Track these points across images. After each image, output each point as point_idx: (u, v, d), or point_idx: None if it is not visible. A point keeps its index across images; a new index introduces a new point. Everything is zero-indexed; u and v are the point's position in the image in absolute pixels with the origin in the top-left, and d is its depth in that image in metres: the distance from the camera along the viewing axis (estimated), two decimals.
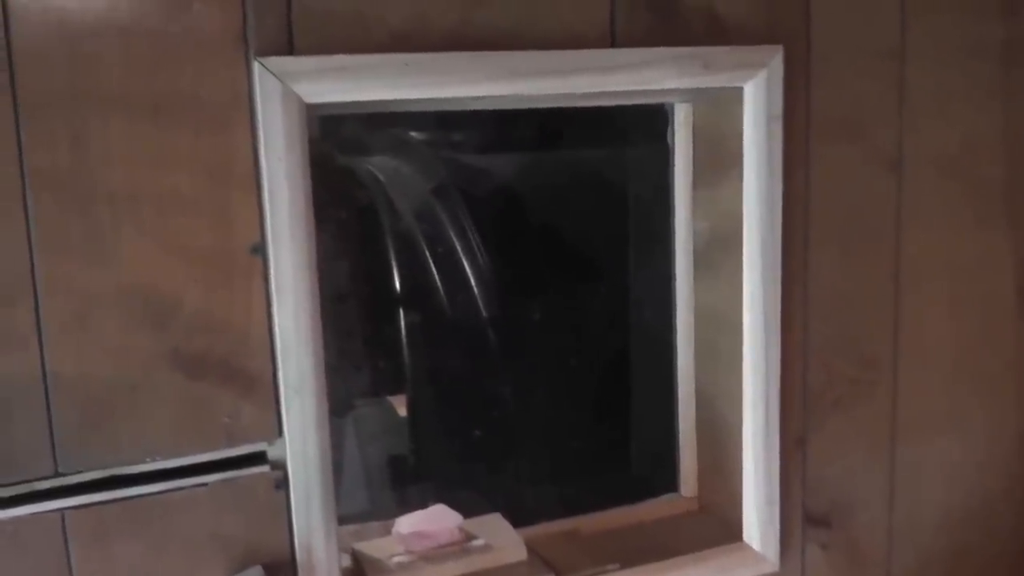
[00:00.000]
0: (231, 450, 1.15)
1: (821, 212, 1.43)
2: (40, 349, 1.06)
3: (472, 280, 1.72)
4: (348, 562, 1.33)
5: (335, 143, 1.52)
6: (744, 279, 1.37)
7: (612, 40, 1.26)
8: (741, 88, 1.33)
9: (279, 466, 1.16)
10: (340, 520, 1.21)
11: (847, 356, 1.50)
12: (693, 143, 1.46)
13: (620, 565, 1.37)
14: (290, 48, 1.10)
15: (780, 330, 1.40)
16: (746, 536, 1.44)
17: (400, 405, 1.71)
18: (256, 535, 1.16)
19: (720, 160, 1.40)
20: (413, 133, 1.73)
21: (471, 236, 1.73)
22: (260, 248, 1.12)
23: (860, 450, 1.54)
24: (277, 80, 1.08)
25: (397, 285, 1.72)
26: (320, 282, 1.15)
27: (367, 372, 1.70)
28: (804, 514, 1.51)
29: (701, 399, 1.52)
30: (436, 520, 1.38)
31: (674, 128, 1.47)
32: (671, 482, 1.57)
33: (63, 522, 1.09)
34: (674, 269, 1.51)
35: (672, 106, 1.46)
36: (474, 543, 1.37)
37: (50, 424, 1.08)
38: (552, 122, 1.64)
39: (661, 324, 1.54)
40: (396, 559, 1.33)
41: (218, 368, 1.12)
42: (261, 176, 1.10)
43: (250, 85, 1.09)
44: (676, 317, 1.52)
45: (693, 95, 1.41)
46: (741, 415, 1.42)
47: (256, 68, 1.08)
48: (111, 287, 1.08)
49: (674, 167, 1.48)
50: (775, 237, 1.37)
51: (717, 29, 1.32)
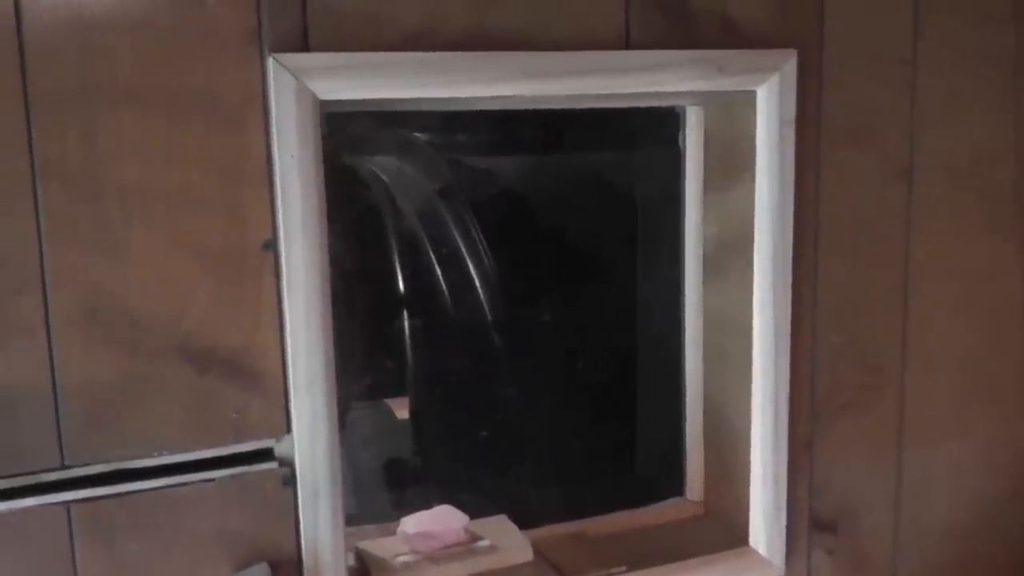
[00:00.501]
0: (238, 446, 1.15)
1: (831, 217, 1.43)
2: (48, 341, 1.06)
3: (478, 282, 1.72)
4: (352, 561, 1.33)
5: (340, 142, 1.52)
6: (755, 284, 1.37)
7: (626, 42, 1.25)
8: (754, 92, 1.32)
9: (287, 463, 1.16)
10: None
11: (855, 362, 1.50)
12: (704, 147, 1.46)
13: (627, 568, 1.37)
14: (304, 45, 1.10)
15: (790, 335, 1.39)
16: (752, 541, 1.44)
17: (401, 407, 1.71)
18: (262, 532, 1.16)
19: (731, 164, 1.40)
20: (420, 134, 1.73)
21: (477, 238, 1.72)
22: (272, 244, 1.12)
23: (867, 456, 1.54)
24: (291, 76, 1.08)
25: (401, 286, 1.72)
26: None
27: (371, 373, 1.70)
28: (810, 519, 1.50)
29: (709, 403, 1.52)
30: (442, 520, 1.37)
31: (685, 131, 1.47)
32: (677, 486, 1.57)
33: (68, 515, 1.09)
34: (683, 273, 1.51)
35: (684, 109, 1.46)
36: (480, 544, 1.37)
37: (57, 416, 1.07)
38: (562, 124, 1.63)
39: (669, 328, 1.54)
40: (401, 559, 1.33)
41: (227, 363, 1.12)
42: (274, 172, 1.10)
43: (264, 81, 1.09)
44: (685, 321, 1.52)
45: (705, 98, 1.40)
46: (749, 420, 1.42)
47: (271, 64, 1.08)
48: (120, 281, 1.07)
49: (685, 171, 1.48)
50: (786, 242, 1.37)
51: (731, 32, 1.32)
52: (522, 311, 1.74)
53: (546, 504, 1.66)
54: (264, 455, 1.16)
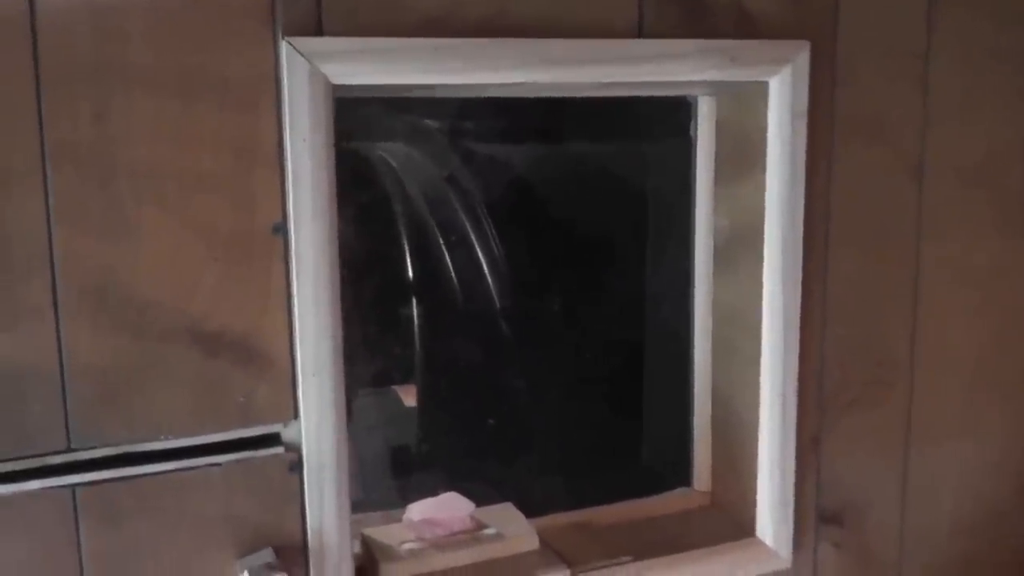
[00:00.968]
0: (245, 430, 1.14)
1: (842, 211, 1.43)
2: (56, 323, 1.06)
3: (487, 271, 1.71)
4: (357, 548, 1.33)
5: (348, 128, 1.51)
6: (764, 277, 1.37)
7: (639, 31, 1.25)
8: (766, 83, 1.32)
9: (293, 448, 1.16)
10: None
11: (864, 358, 1.49)
12: (716, 138, 1.45)
13: (632, 558, 1.37)
14: (319, 29, 1.10)
15: (799, 329, 1.39)
16: (759, 532, 1.44)
17: (407, 394, 1.70)
18: (268, 517, 1.16)
19: (743, 156, 1.40)
20: (430, 121, 1.72)
21: (486, 226, 1.72)
22: (282, 228, 1.11)
23: (874, 451, 1.53)
24: (305, 60, 1.08)
25: (409, 273, 1.72)
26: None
27: (378, 360, 1.69)
28: (817, 512, 1.50)
29: (716, 395, 1.51)
30: (448, 508, 1.37)
31: (697, 122, 1.46)
32: (684, 477, 1.57)
33: (74, 498, 1.09)
34: (693, 265, 1.50)
35: (696, 100, 1.46)
36: (486, 532, 1.36)
37: (64, 399, 1.07)
38: (573, 114, 1.63)
39: (678, 320, 1.54)
40: (407, 546, 1.32)
41: (235, 347, 1.12)
42: (285, 156, 1.10)
43: (277, 64, 1.09)
44: (694, 313, 1.52)
45: (717, 88, 1.40)
46: (757, 412, 1.42)
47: (284, 48, 1.08)
48: (129, 263, 1.07)
49: (696, 162, 1.47)
50: (797, 235, 1.36)
51: (744, 22, 1.31)
52: (531, 300, 1.74)
53: (552, 493, 1.66)
54: (271, 440, 1.16)
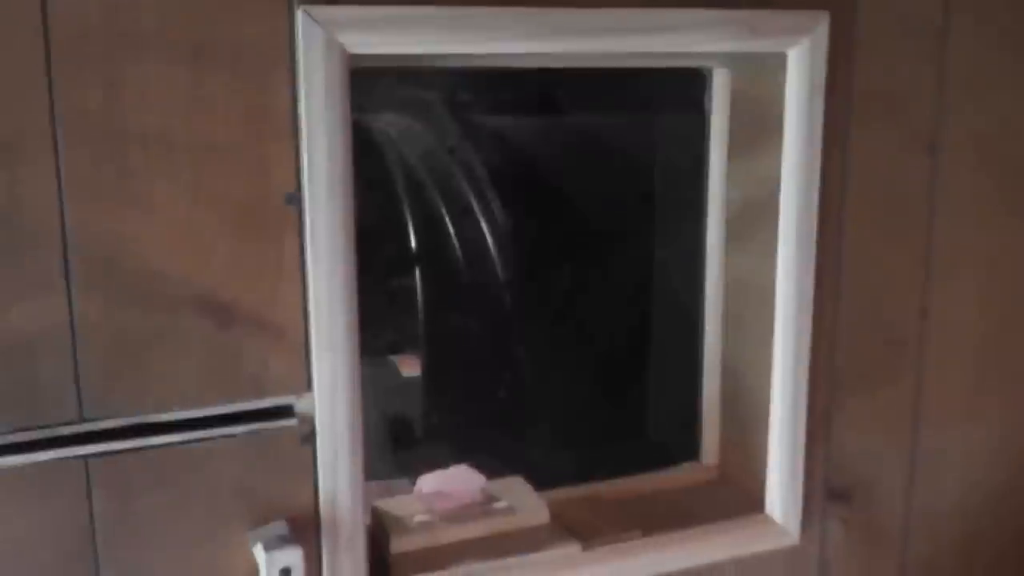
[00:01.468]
0: (258, 402, 1.13)
1: (856, 187, 1.42)
2: (67, 293, 1.05)
3: (492, 242, 1.71)
4: (368, 520, 1.32)
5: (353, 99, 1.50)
6: (779, 251, 1.36)
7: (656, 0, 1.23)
8: (784, 55, 1.31)
9: (307, 420, 1.15)
10: None
11: (875, 334, 1.49)
12: (731, 110, 1.44)
13: (642, 532, 1.37)
14: None
15: (812, 303, 1.38)
16: (768, 508, 1.44)
17: (406, 364, 1.70)
18: (281, 489, 1.15)
19: (758, 128, 1.38)
20: (439, 93, 1.71)
21: (491, 198, 1.71)
22: (295, 198, 1.10)
23: (883, 429, 1.53)
24: (320, 28, 1.06)
25: (412, 244, 1.71)
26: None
27: (376, 329, 1.69)
28: (825, 489, 1.50)
29: (726, 369, 1.51)
30: (458, 480, 1.37)
31: (711, 94, 1.45)
32: (692, 451, 1.56)
33: (86, 469, 1.08)
34: (705, 238, 1.50)
35: (710, 71, 1.44)
36: (496, 505, 1.36)
37: (76, 369, 1.06)
38: (584, 85, 1.62)
39: (688, 293, 1.53)
40: (418, 518, 1.32)
41: (248, 318, 1.11)
42: (299, 125, 1.09)
43: (292, 33, 1.07)
44: (705, 286, 1.51)
45: (734, 60, 1.39)
46: (767, 386, 1.41)
47: (299, 16, 1.06)
48: (141, 233, 1.06)
49: (710, 134, 1.46)
50: (811, 210, 1.35)
51: None
52: (539, 273, 1.73)
53: (558, 466, 1.66)
54: (284, 412, 1.15)
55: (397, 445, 1.70)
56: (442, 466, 1.40)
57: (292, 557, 1.11)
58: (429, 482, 1.37)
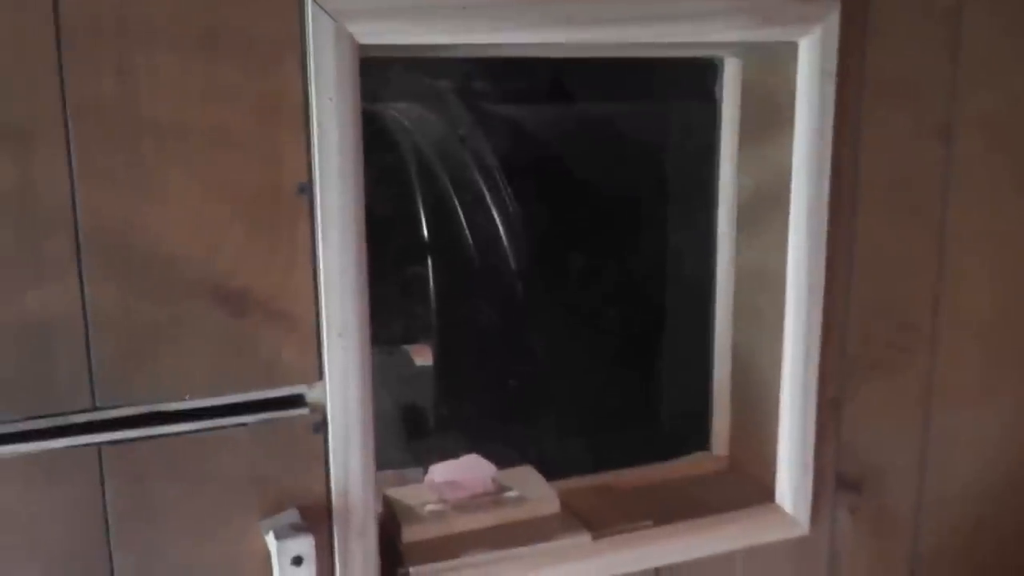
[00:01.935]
0: (270, 391, 1.14)
1: (868, 174, 1.42)
2: (80, 281, 1.05)
3: (503, 231, 1.70)
4: (379, 509, 1.33)
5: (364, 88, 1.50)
6: (790, 239, 1.36)
7: None
8: (795, 43, 1.30)
9: (318, 409, 1.15)
10: None
11: (886, 321, 1.49)
12: (742, 98, 1.43)
13: (652, 522, 1.37)
14: None
15: (823, 291, 1.38)
16: (778, 497, 1.44)
17: (419, 353, 1.70)
18: (292, 478, 1.16)
19: (769, 116, 1.38)
20: (451, 82, 1.71)
21: (503, 187, 1.71)
22: (307, 188, 1.10)
23: (894, 416, 1.53)
24: (331, 19, 1.06)
25: (424, 233, 1.71)
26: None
27: (389, 319, 1.69)
28: (836, 478, 1.50)
29: (737, 358, 1.51)
30: (469, 470, 1.37)
31: (723, 83, 1.45)
32: (703, 440, 1.56)
33: (99, 456, 1.09)
34: (716, 226, 1.49)
35: (721, 60, 1.44)
36: (507, 494, 1.36)
37: (88, 357, 1.06)
38: (595, 74, 1.61)
39: (699, 281, 1.53)
40: (429, 507, 1.33)
41: (260, 307, 1.11)
42: (311, 115, 1.09)
43: (302, 23, 1.07)
44: (716, 274, 1.51)
45: (745, 49, 1.39)
46: (777, 375, 1.41)
47: (310, 6, 1.06)
48: (153, 221, 1.06)
49: (721, 122, 1.46)
50: (823, 197, 1.35)
51: None
52: (551, 262, 1.73)
53: (568, 455, 1.66)
54: (296, 401, 1.15)
55: (409, 434, 1.70)
56: (453, 455, 1.41)
57: (304, 545, 1.11)
58: (440, 471, 1.38)
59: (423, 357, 1.69)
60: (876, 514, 1.55)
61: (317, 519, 1.17)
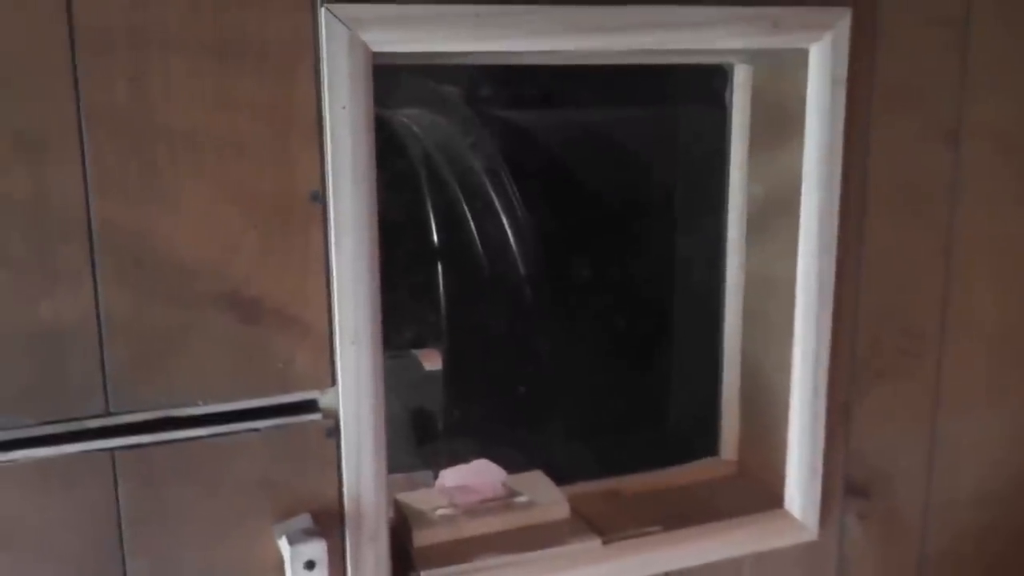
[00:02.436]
0: (284, 397, 1.14)
1: (877, 180, 1.42)
2: (94, 287, 1.05)
3: (512, 237, 1.71)
4: (390, 513, 1.33)
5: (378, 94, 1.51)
6: (799, 245, 1.36)
7: None
8: (805, 50, 1.31)
9: (331, 415, 1.16)
10: None
11: (895, 327, 1.49)
12: (752, 105, 1.44)
13: (661, 527, 1.37)
14: None
15: (833, 298, 1.38)
16: (787, 503, 1.44)
17: (428, 358, 1.71)
18: (305, 483, 1.16)
19: (779, 123, 1.39)
20: (460, 88, 1.71)
21: (511, 192, 1.71)
22: (320, 195, 1.11)
23: (902, 421, 1.53)
24: (344, 27, 1.07)
25: (434, 239, 1.71)
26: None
27: (399, 324, 1.69)
28: (844, 483, 1.50)
29: (746, 363, 1.51)
30: (480, 474, 1.38)
31: (732, 89, 1.45)
32: (711, 445, 1.57)
33: (113, 461, 1.09)
34: (726, 232, 1.50)
35: (731, 67, 1.44)
36: (517, 499, 1.37)
37: (102, 363, 1.07)
38: (605, 80, 1.62)
39: (709, 287, 1.53)
40: (440, 512, 1.33)
41: (273, 314, 1.12)
42: (324, 123, 1.09)
43: (316, 31, 1.08)
44: (725, 280, 1.51)
45: (755, 56, 1.39)
46: (787, 381, 1.42)
47: (323, 14, 1.07)
48: (167, 228, 1.07)
49: (731, 129, 1.46)
50: (833, 203, 1.35)
51: None
52: (560, 267, 1.73)
53: (579, 461, 1.66)
54: (309, 406, 1.16)
55: (419, 438, 1.71)
56: (464, 460, 1.41)
57: (316, 550, 1.12)
58: (451, 476, 1.38)
59: (433, 362, 1.69)
60: (885, 519, 1.55)
61: (329, 523, 1.17)
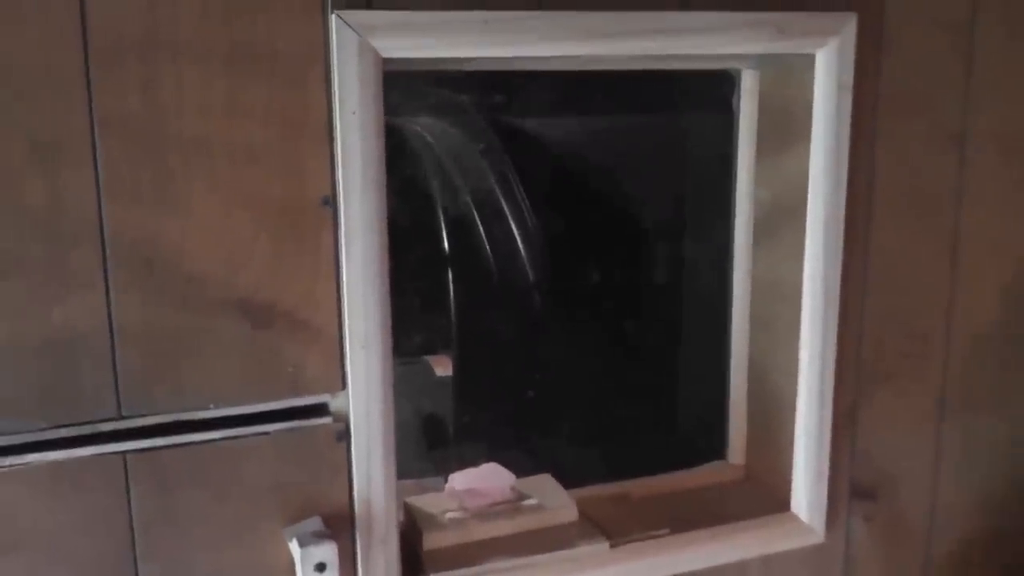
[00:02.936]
0: (294, 400, 1.15)
1: (883, 184, 1.43)
2: (106, 293, 1.06)
3: (521, 243, 1.71)
4: (400, 516, 1.34)
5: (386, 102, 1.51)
6: (806, 250, 1.37)
7: (687, 2, 1.24)
8: (811, 55, 1.31)
9: (341, 418, 1.17)
10: None
11: (900, 330, 1.50)
12: (759, 110, 1.44)
13: (669, 530, 1.38)
14: (368, 2, 1.10)
15: (839, 302, 1.39)
16: (794, 507, 1.45)
17: (439, 364, 1.71)
18: (316, 486, 1.17)
19: (786, 129, 1.39)
20: (469, 95, 1.72)
21: (521, 198, 1.72)
22: (331, 201, 1.12)
23: (908, 424, 1.54)
24: (355, 33, 1.08)
25: (445, 245, 1.72)
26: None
27: (410, 330, 1.70)
28: (851, 486, 1.51)
29: (753, 368, 1.52)
30: (489, 478, 1.38)
31: (740, 95, 1.46)
32: (719, 449, 1.57)
33: (125, 465, 1.10)
34: (733, 237, 1.50)
35: (739, 72, 1.45)
36: (526, 502, 1.38)
37: (114, 367, 1.08)
38: (612, 85, 1.62)
39: (716, 292, 1.54)
40: (450, 515, 1.34)
41: (284, 318, 1.13)
42: (334, 129, 1.10)
43: (326, 38, 1.09)
44: (732, 285, 1.52)
45: (762, 61, 1.40)
46: (793, 385, 1.42)
47: (334, 21, 1.08)
48: (178, 234, 1.08)
49: (738, 134, 1.47)
50: (839, 208, 1.36)
51: None
52: (569, 273, 1.74)
53: (588, 464, 1.67)
54: (319, 410, 1.17)
55: (429, 443, 1.72)
56: (473, 464, 1.42)
57: (327, 552, 1.13)
58: (460, 480, 1.39)
59: (443, 367, 1.70)
60: (891, 522, 1.56)
61: (340, 526, 1.18)
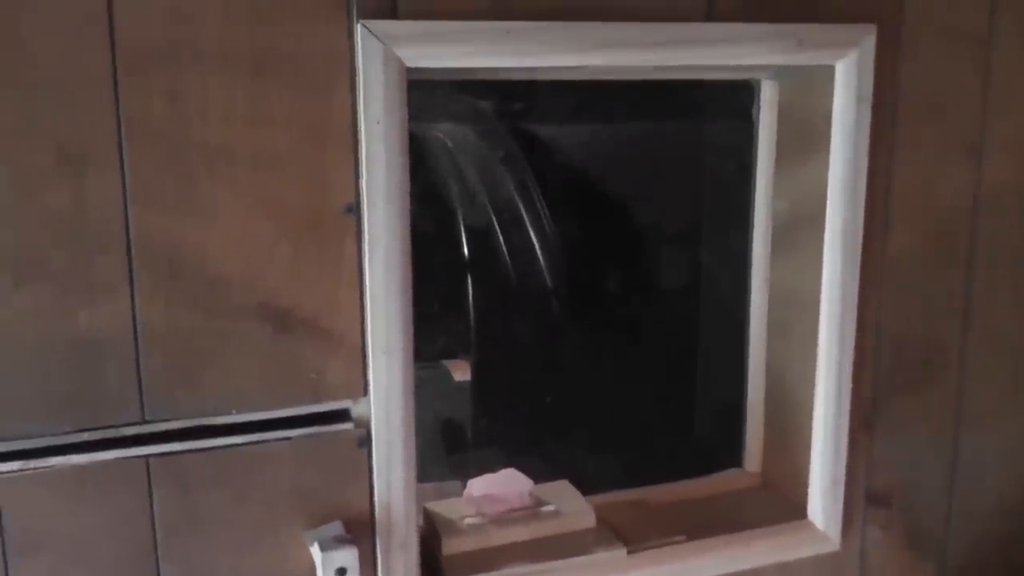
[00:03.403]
0: (316, 406, 1.16)
1: (901, 194, 1.43)
2: (131, 298, 1.07)
3: (543, 251, 1.72)
4: (419, 521, 1.35)
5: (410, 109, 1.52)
6: (824, 260, 1.37)
7: (708, 14, 1.25)
8: (831, 67, 1.32)
9: (362, 424, 1.18)
10: None
11: (917, 339, 1.50)
12: (778, 120, 1.45)
13: (686, 537, 1.38)
14: (393, 12, 1.11)
15: (856, 310, 1.40)
16: (810, 514, 1.45)
17: (457, 369, 1.72)
18: (336, 491, 1.18)
19: (805, 139, 1.40)
20: (490, 102, 1.73)
21: (540, 205, 1.72)
22: (354, 208, 1.13)
23: (924, 432, 1.54)
24: (379, 43, 1.09)
25: (465, 251, 1.72)
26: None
27: (429, 335, 1.71)
28: (867, 494, 1.51)
29: (770, 376, 1.52)
30: (507, 484, 1.39)
31: (759, 105, 1.46)
32: (736, 457, 1.58)
33: (147, 468, 1.11)
34: (751, 246, 1.51)
35: (758, 83, 1.46)
36: (544, 508, 1.38)
37: (138, 371, 1.09)
38: (634, 94, 1.63)
39: (734, 300, 1.54)
40: (468, 521, 1.34)
41: (307, 324, 1.14)
42: (358, 137, 1.11)
43: (351, 47, 1.10)
44: (750, 293, 1.52)
45: (781, 72, 1.40)
46: (810, 393, 1.43)
47: (359, 30, 1.09)
48: (203, 240, 1.09)
49: (758, 144, 1.48)
50: (857, 218, 1.37)
51: (809, 6, 1.31)
52: (587, 279, 1.74)
53: (605, 471, 1.67)
54: (340, 416, 1.18)
55: (448, 448, 1.72)
56: (491, 470, 1.43)
57: (348, 557, 1.14)
58: (479, 485, 1.40)
59: (462, 373, 1.71)
60: (906, 529, 1.56)
61: (360, 531, 1.19)
